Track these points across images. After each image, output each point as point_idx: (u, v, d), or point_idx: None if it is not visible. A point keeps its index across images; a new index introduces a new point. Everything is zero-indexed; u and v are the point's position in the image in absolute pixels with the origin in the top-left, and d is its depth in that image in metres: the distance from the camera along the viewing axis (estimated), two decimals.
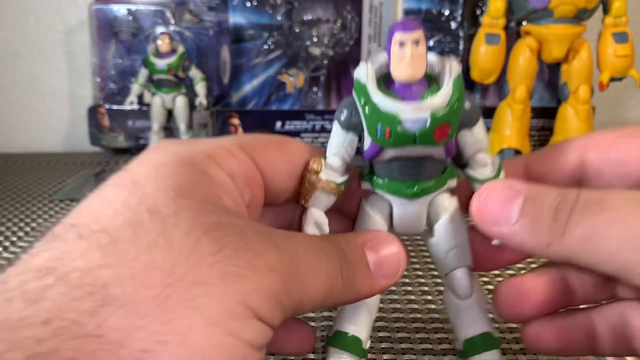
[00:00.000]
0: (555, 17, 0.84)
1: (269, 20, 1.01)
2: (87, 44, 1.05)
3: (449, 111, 0.33)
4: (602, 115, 1.07)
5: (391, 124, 0.33)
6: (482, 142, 0.36)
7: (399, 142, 0.33)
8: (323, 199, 0.37)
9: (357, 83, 0.35)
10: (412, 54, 0.33)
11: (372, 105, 0.34)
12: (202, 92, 0.96)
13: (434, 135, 0.33)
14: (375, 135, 0.34)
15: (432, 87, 0.35)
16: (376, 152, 0.35)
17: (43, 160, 1.03)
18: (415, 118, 0.33)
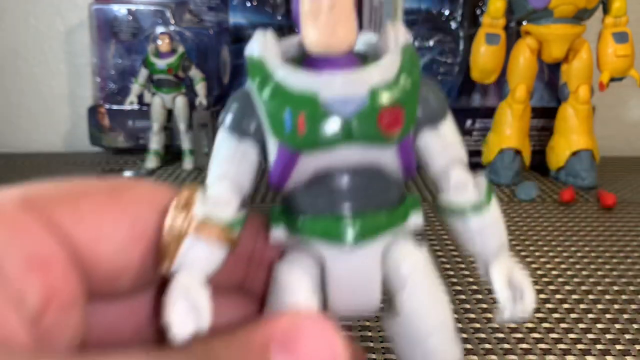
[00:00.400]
0: (555, 17, 0.84)
1: (269, 20, 1.01)
2: (87, 44, 1.05)
3: (399, 88, 0.23)
4: (603, 115, 1.07)
5: (307, 107, 0.23)
6: (455, 148, 0.26)
7: (322, 139, 0.23)
8: (200, 256, 0.23)
9: (250, 61, 0.25)
10: (333, 6, 0.23)
11: (273, 84, 0.23)
12: (202, 92, 0.96)
13: (380, 122, 0.23)
14: (281, 130, 0.23)
15: (368, 61, 0.25)
16: (288, 166, 0.24)
17: (43, 160, 1.03)
18: (346, 95, 0.23)
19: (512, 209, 0.78)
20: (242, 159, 0.25)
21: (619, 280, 0.58)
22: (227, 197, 0.24)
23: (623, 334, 0.48)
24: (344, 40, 0.24)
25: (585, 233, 0.70)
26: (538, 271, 0.60)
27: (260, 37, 0.25)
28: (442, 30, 1.02)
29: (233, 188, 0.25)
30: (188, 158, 0.97)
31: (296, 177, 0.24)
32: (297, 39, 0.26)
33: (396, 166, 0.25)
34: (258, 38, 0.25)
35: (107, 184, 0.24)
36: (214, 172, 0.25)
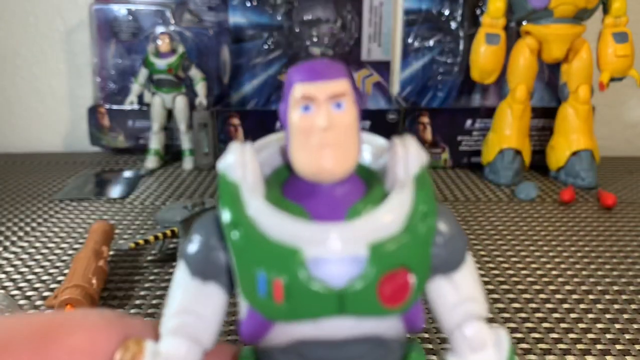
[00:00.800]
0: (555, 17, 0.84)
1: (269, 21, 1.01)
2: (87, 44, 1.05)
3: (408, 241, 0.19)
4: (603, 115, 1.07)
5: (286, 270, 0.19)
6: (473, 301, 0.22)
7: (304, 312, 0.19)
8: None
9: (222, 181, 0.21)
10: (330, 125, 0.19)
11: (246, 227, 0.19)
12: (202, 92, 0.96)
13: (381, 294, 0.19)
14: (253, 294, 0.20)
15: (373, 192, 0.21)
16: (260, 331, 0.20)
17: (43, 160, 1.03)
18: (339, 257, 0.19)
19: (512, 209, 0.78)
20: (203, 305, 0.21)
21: (619, 280, 0.58)
22: (180, 356, 0.21)
23: (623, 334, 0.48)
24: (339, 170, 0.20)
25: (585, 233, 0.70)
26: (538, 271, 0.60)
27: (237, 152, 0.21)
28: (442, 30, 1.02)
29: (190, 343, 0.21)
30: (188, 158, 0.97)
31: (271, 340, 0.21)
32: (279, 146, 0.22)
33: (399, 330, 0.21)
34: (235, 153, 0.21)
35: (37, 327, 0.21)
36: (169, 320, 0.21)
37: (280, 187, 0.21)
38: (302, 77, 0.20)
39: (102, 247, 0.58)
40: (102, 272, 0.55)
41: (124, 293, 0.55)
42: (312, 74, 0.20)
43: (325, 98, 0.19)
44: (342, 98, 0.20)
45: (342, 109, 0.20)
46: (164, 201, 0.81)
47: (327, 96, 0.19)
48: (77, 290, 0.49)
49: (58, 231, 0.70)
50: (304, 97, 0.19)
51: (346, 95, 0.20)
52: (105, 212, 0.76)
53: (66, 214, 0.76)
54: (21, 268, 0.60)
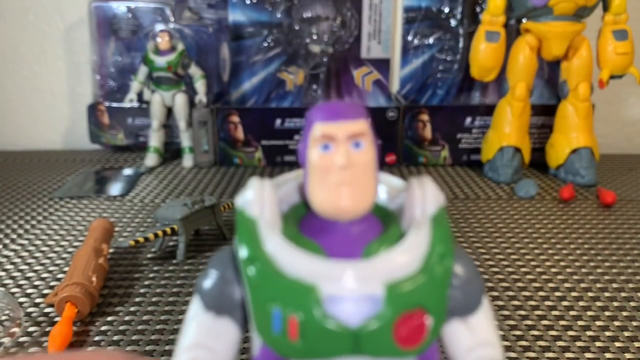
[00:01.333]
0: (555, 15, 0.84)
1: (268, 18, 1.01)
2: (86, 42, 1.05)
3: (425, 282, 0.19)
4: (602, 112, 1.07)
5: (302, 307, 0.18)
6: (489, 346, 0.22)
7: (318, 349, 0.19)
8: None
9: (240, 217, 0.21)
10: (349, 164, 0.20)
11: (262, 263, 0.19)
12: (201, 89, 0.96)
13: (396, 334, 0.19)
14: (267, 330, 0.19)
15: (390, 232, 0.21)
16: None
17: (43, 158, 1.03)
18: (355, 295, 0.19)
19: (512, 206, 0.78)
20: (216, 339, 0.21)
21: (618, 278, 0.58)
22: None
23: (622, 331, 0.48)
24: (357, 208, 0.20)
25: (584, 230, 0.70)
26: (537, 269, 0.60)
27: (256, 188, 0.21)
28: (442, 27, 1.02)
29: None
30: (187, 155, 0.97)
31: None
32: (297, 184, 0.22)
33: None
34: (254, 189, 0.21)
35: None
36: (188, 339, 0.21)
37: (297, 224, 0.21)
38: (322, 117, 0.20)
39: (102, 245, 0.58)
40: (102, 269, 0.55)
41: (124, 291, 0.55)
42: (332, 113, 0.20)
43: (344, 137, 0.20)
44: (360, 138, 0.20)
45: (360, 149, 0.20)
46: (164, 199, 0.81)
47: (346, 136, 0.20)
48: (77, 288, 0.50)
49: (58, 229, 0.70)
50: (323, 136, 0.20)
51: (365, 135, 0.20)
52: (105, 210, 0.76)
53: (66, 211, 0.76)
54: (21, 266, 0.60)
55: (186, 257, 0.62)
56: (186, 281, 0.57)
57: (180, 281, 0.57)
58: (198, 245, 0.65)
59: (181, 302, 0.53)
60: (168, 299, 0.54)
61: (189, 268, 0.60)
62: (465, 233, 0.69)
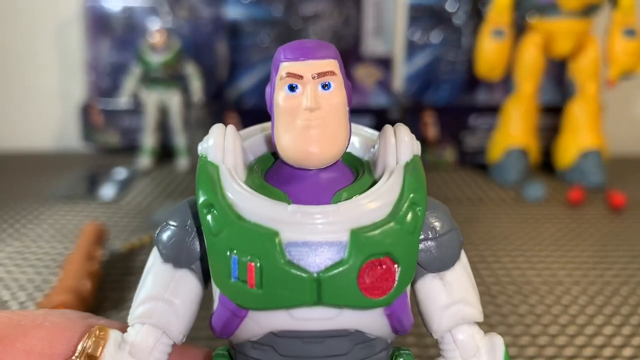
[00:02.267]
0: (562, 12, 0.82)
1: (267, 15, 0.99)
2: (79, 41, 1.03)
3: (393, 229, 0.18)
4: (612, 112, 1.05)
5: (261, 253, 0.18)
6: (465, 303, 0.21)
7: (278, 300, 0.18)
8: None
9: (202, 163, 0.20)
10: (316, 106, 0.19)
11: (221, 209, 0.18)
12: (197, 89, 0.94)
13: (361, 282, 0.18)
14: (225, 279, 0.18)
15: (361, 180, 0.20)
16: (231, 321, 0.19)
17: (34, 160, 1.00)
18: (318, 242, 0.18)
19: (519, 210, 0.76)
20: (174, 293, 0.20)
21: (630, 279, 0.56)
22: (146, 346, 0.20)
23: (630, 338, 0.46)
24: (325, 153, 0.19)
25: (593, 233, 0.68)
26: (545, 271, 0.58)
27: (219, 134, 0.20)
28: (446, 25, 1.00)
29: (158, 334, 0.20)
30: (183, 156, 0.94)
31: (244, 333, 0.19)
32: (265, 135, 0.21)
33: (384, 327, 0.19)
34: (216, 135, 0.20)
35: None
36: (136, 310, 0.20)
37: (263, 174, 0.20)
38: (288, 56, 0.19)
39: (95, 249, 0.57)
40: (95, 274, 0.53)
41: (118, 295, 0.53)
42: (299, 52, 0.19)
43: (311, 77, 0.18)
44: (329, 78, 0.19)
45: (329, 90, 0.19)
46: (159, 202, 0.78)
47: (313, 75, 0.19)
48: (70, 293, 0.48)
49: (49, 230, 0.68)
50: (289, 75, 0.19)
51: (334, 75, 0.19)
52: (98, 212, 0.74)
53: (59, 214, 0.73)
54: (9, 267, 0.58)
55: None
56: None
57: None
58: None
59: None
60: None
61: None
62: (471, 237, 0.66)
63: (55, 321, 0.21)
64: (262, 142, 0.22)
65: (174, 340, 0.20)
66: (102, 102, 1.00)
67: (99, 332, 0.20)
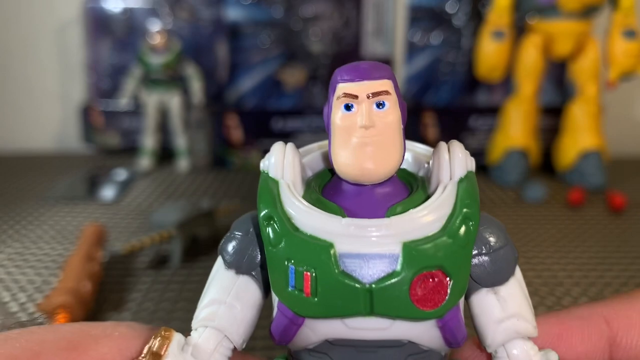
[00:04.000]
0: (562, 13, 0.82)
1: (267, 17, 0.99)
2: (80, 42, 1.03)
3: (446, 243, 0.19)
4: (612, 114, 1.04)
5: (316, 263, 0.19)
6: (520, 318, 0.21)
7: (332, 307, 0.19)
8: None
9: (263, 179, 0.21)
10: (371, 124, 0.19)
11: (280, 222, 0.20)
12: (198, 90, 0.94)
13: (413, 294, 0.18)
14: (282, 288, 0.20)
15: (415, 196, 0.21)
16: (289, 328, 0.20)
17: (34, 161, 1.00)
18: (371, 254, 0.18)
19: (519, 211, 0.76)
20: (236, 298, 0.21)
21: (630, 281, 0.56)
22: (209, 349, 0.21)
23: None
24: (380, 170, 0.19)
25: (593, 234, 0.68)
26: (545, 273, 0.58)
27: (279, 150, 0.21)
28: (447, 27, 1.00)
29: (219, 338, 0.21)
30: (183, 158, 0.94)
31: (300, 340, 0.20)
32: (322, 152, 0.22)
33: (437, 340, 0.20)
34: (277, 151, 0.21)
35: (67, 338, 0.21)
36: (201, 313, 0.21)
37: (321, 189, 0.21)
38: (345, 77, 0.20)
39: (95, 251, 0.57)
40: (95, 275, 0.53)
41: (118, 297, 0.53)
42: (355, 73, 0.20)
43: (366, 96, 0.19)
44: (383, 97, 0.19)
45: (383, 109, 0.19)
46: (159, 203, 0.78)
47: (367, 95, 0.19)
48: (70, 294, 0.47)
49: (49, 232, 0.68)
50: (345, 96, 0.19)
51: (388, 94, 0.19)
52: (98, 214, 0.74)
53: (58, 215, 0.73)
54: (10, 268, 0.58)
55: (181, 264, 0.59)
56: (182, 287, 0.55)
57: (175, 286, 0.55)
58: (194, 251, 0.62)
59: (176, 308, 0.51)
60: (163, 306, 0.52)
61: (184, 274, 0.57)
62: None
63: (124, 331, 0.22)
64: (319, 159, 0.23)
65: (234, 344, 0.21)
66: (103, 104, 1.00)
67: (164, 332, 0.21)
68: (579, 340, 0.24)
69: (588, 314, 0.24)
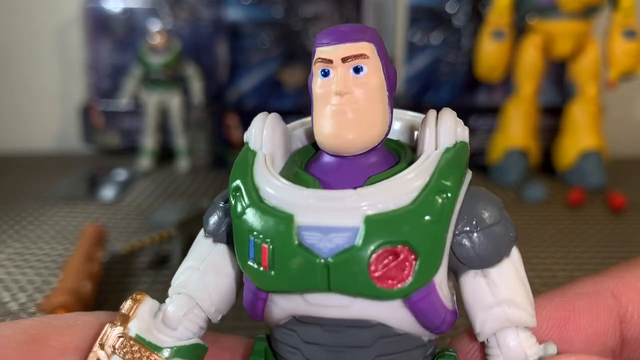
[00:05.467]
0: (562, 14, 0.82)
1: (267, 17, 0.99)
2: (80, 42, 1.03)
3: (415, 217, 0.17)
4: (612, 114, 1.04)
5: (274, 236, 0.18)
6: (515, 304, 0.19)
7: (290, 281, 0.18)
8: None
9: (244, 150, 0.21)
10: (345, 90, 0.18)
11: (247, 193, 0.19)
12: (198, 90, 0.94)
13: (372, 271, 0.17)
14: (244, 260, 0.19)
15: (398, 166, 0.19)
16: (255, 302, 0.19)
17: (35, 161, 1.00)
18: (330, 227, 0.17)
19: (519, 211, 0.76)
20: (213, 261, 0.20)
21: None
22: (178, 315, 0.20)
23: None
24: (358, 138, 0.18)
25: (593, 234, 0.68)
26: (545, 272, 0.58)
27: (259, 121, 0.20)
28: (447, 27, 1.00)
29: (190, 305, 0.20)
30: (183, 158, 0.94)
31: (270, 316, 0.19)
32: (306, 128, 0.21)
33: (411, 324, 0.18)
34: (257, 122, 0.20)
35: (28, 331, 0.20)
36: (184, 264, 0.21)
37: (303, 163, 0.20)
38: (321, 41, 0.18)
39: (96, 251, 0.57)
40: (95, 275, 0.53)
41: (119, 297, 0.53)
42: (331, 36, 0.18)
43: (340, 60, 0.18)
44: (360, 61, 0.18)
45: (361, 74, 0.18)
46: (159, 203, 0.78)
47: (341, 58, 0.18)
48: (70, 294, 0.47)
49: (49, 232, 0.68)
50: (320, 60, 0.18)
51: (367, 58, 0.18)
52: (98, 214, 0.74)
53: (58, 215, 0.73)
54: (10, 268, 0.58)
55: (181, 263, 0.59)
56: None
57: None
58: None
59: None
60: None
61: None
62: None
63: (88, 320, 0.22)
64: (304, 134, 0.22)
65: (206, 313, 0.20)
66: (103, 104, 1.00)
67: (137, 296, 0.21)
68: (588, 322, 0.23)
69: (594, 291, 0.23)
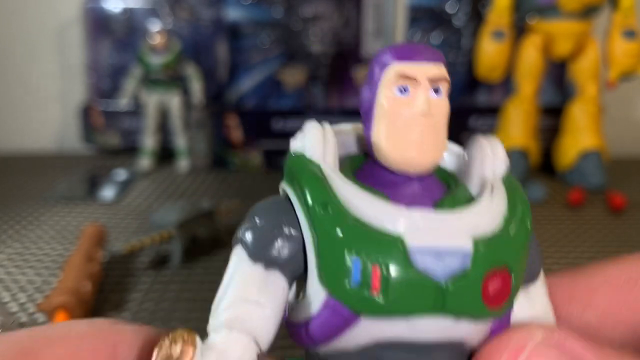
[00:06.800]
0: (562, 14, 0.82)
1: (267, 17, 0.99)
2: (79, 42, 1.03)
3: (509, 241, 0.18)
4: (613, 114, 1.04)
5: (387, 258, 0.17)
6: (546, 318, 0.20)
7: (400, 305, 0.17)
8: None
9: (301, 160, 0.19)
10: (428, 113, 0.18)
11: (338, 207, 0.18)
12: (198, 91, 0.94)
13: (484, 292, 0.17)
14: (340, 283, 0.17)
15: (458, 191, 0.19)
16: (338, 328, 0.18)
17: (34, 161, 1.00)
18: (443, 249, 0.17)
19: None
20: (269, 291, 0.18)
21: None
22: (235, 355, 0.17)
23: None
24: (429, 160, 0.18)
25: (593, 234, 0.68)
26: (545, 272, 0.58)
27: (318, 130, 0.19)
28: (446, 27, 1.00)
29: (247, 341, 0.18)
30: (183, 158, 0.94)
31: (343, 342, 0.18)
32: (355, 134, 0.20)
33: (480, 340, 0.19)
34: (316, 131, 0.19)
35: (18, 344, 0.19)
36: (219, 312, 0.18)
37: (353, 173, 0.19)
38: (400, 57, 0.18)
39: (95, 250, 0.57)
40: (95, 275, 0.53)
41: (119, 297, 0.53)
42: (412, 53, 0.18)
43: (425, 80, 0.18)
44: (441, 83, 0.18)
45: (440, 96, 0.18)
46: (159, 203, 0.78)
47: (428, 78, 0.18)
48: (70, 294, 0.47)
49: (49, 232, 0.68)
50: (402, 77, 0.18)
51: (445, 81, 0.18)
52: (98, 214, 0.74)
53: (58, 215, 0.73)
54: (10, 268, 0.58)
55: (182, 264, 0.59)
56: (182, 287, 0.55)
57: (175, 287, 0.55)
58: (194, 251, 0.62)
59: (176, 309, 0.51)
60: (163, 306, 0.51)
61: (184, 274, 0.57)
62: None
63: (81, 330, 0.20)
64: (353, 141, 0.21)
65: (261, 348, 0.18)
66: (103, 104, 1.00)
67: (187, 337, 0.17)
68: None
69: None
